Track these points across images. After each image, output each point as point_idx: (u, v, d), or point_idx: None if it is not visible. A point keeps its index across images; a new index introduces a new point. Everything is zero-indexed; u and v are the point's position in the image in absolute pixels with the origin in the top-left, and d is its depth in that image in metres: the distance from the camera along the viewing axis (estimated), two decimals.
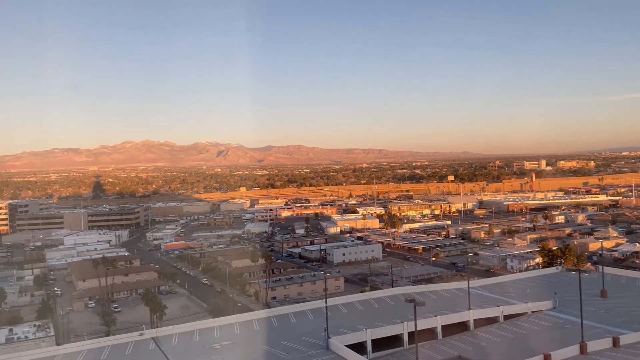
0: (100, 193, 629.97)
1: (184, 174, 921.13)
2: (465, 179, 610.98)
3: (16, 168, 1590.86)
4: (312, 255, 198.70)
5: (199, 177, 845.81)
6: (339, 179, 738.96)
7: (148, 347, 68.75)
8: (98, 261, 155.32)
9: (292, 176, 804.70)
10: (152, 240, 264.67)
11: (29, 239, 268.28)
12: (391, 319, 73.68)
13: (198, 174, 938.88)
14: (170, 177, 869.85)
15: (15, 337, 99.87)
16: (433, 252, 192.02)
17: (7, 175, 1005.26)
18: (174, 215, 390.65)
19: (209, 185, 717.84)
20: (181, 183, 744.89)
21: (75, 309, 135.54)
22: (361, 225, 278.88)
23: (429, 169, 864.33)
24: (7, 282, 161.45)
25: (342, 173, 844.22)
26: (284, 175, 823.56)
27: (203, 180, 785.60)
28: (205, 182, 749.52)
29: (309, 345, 65.84)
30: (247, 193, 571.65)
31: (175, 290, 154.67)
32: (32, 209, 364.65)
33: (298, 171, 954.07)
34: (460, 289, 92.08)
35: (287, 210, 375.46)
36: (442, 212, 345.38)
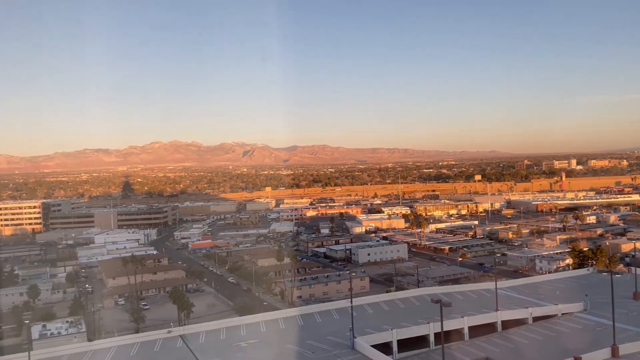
0: (129, 193, 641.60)
1: (210, 174, 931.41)
2: (493, 178, 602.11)
3: (49, 168, 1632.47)
4: (337, 255, 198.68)
5: (225, 177, 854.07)
6: (364, 179, 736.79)
7: (176, 344, 69.87)
8: (127, 259, 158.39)
9: (317, 176, 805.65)
10: (179, 239, 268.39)
11: (61, 237, 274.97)
12: (417, 319, 73.29)
13: (224, 173, 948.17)
14: (197, 177, 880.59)
15: (49, 332, 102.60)
16: (460, 252, 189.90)
17: (40, 175, 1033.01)
18: (201, 215, 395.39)
19: (235, 185, 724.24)
20: (208, 183, 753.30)
21: (105, 306, 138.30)
22: (386, 225, 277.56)
23: (456, 168, 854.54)
24: (40, 279, 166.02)
25: (367, 173, 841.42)
26: (309, 175, 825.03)
27: (229, 180, 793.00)
28: (231, 182, 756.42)
29: (335, 344, 65.93)
30: (273, 193, 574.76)
31: (202, 288, 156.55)
32: (65, 208, 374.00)
33: (323, 171, 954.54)
34: (488, 289, 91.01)
35: (312, 210, 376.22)
36: (469, 212, 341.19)
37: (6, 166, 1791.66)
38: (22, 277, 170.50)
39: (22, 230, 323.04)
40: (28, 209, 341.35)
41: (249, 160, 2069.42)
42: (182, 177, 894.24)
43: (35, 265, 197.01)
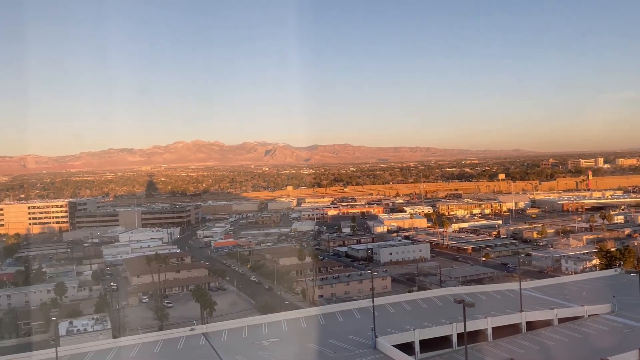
0: (153, 192, 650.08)
1: (232, 173, 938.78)
2: (517, 177, 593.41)
3: (76, 168, 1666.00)
4: (358, 255, 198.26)
5: (247, 176, 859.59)
6: (386, 178, 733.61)
7: (199, 342, 70.56)
8: (151, 258, 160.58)
9: (339, 175, 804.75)
10: (202, 238, 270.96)
11: (87, 235, 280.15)
12: (440, 319, 72.74)
13: (246, 173, 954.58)
14: (219, 176, 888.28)
15: (75, 329, 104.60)
16: (483, 252, 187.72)
17: (67, 175, 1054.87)
18: (224, 214, 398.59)
19: (257, 184, 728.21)
20: (230, 182, 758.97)
21: (130, 303, 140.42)
22: (408, 225, 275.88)
23: (479, 167, 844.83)
24: (67, 276, 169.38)
25: (389, 172, 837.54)
26: (330, 174, 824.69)
27: (251, 179, 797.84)
28: (253, 181, 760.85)
29: (356, 344, 65.78)
30: (294, 192, 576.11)
31: (224, 287, 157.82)
32: (90, 207, 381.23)
33: (344, 170, 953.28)
34: (512, 290, 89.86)
35: (333, 209, 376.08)
36: (492, 212, 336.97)
37: (34, 166, 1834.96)
38: (50, 274, 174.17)
39: (50, 229, 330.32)
40: (55, 208, 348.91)
41: (270, 159, 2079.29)
42: (205, 176, 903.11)
43: (62, 263, 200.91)
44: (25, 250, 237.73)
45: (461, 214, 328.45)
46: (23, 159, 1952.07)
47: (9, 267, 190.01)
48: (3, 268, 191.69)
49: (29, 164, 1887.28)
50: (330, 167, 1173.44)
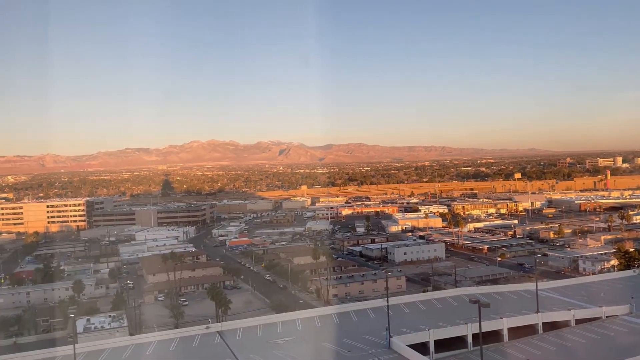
0: (169, 191, 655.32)
1: (247, 173, 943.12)
2: (533, 176, 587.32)
3: (93, 167, 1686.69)
4: (373, 254, 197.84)
5: (261, 175, 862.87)
6: (400, 177, 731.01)
7: (214, 340, 71.06)
8: (167, 256, 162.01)
9: (353, 174, 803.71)
10: (217, 237, 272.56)
11: (104, 234, 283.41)
12: (455, 319, 72.39)
13: (261, 172, 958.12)
14: (234, 175, 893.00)
15: (93, 326, 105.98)
16: (499, 252, 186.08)
17: (84, 174, 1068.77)
18: (238, 213, 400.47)
19: (272, 183, 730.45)
20: (245, 181, 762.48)
21: (146, 301, 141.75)
22: (423, 224, 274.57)
23: (495, 166, 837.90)
24: (85, 274, 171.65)
25: (403, 171, 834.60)
26: (344, 174, 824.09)
27: (266, 178, 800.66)
28: (267, 181, 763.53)
29: (371, 343, 65.72)
30: (308, 191, 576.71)
31: (239, 285, 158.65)
32: (107, 206, 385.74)
33: (358, 169, 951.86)
34: (528, 290, 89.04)
35: (347, 208, 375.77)
36: (508, 211, 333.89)
37: (53, 165, 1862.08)
38: (68, 272, 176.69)
39: (68, 227, 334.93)
40: (73, 207, 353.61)
41: (285, 158, 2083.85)
42: (220, 175, 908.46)
43: (80, 261, 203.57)
44: (44, 248, 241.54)
45: (476, 214, 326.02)
46: (42, 159, 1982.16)
47: (28, 265, 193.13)
48: (22, 266, 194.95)
49: (47, 164, 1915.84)
50: (345, 166, 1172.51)
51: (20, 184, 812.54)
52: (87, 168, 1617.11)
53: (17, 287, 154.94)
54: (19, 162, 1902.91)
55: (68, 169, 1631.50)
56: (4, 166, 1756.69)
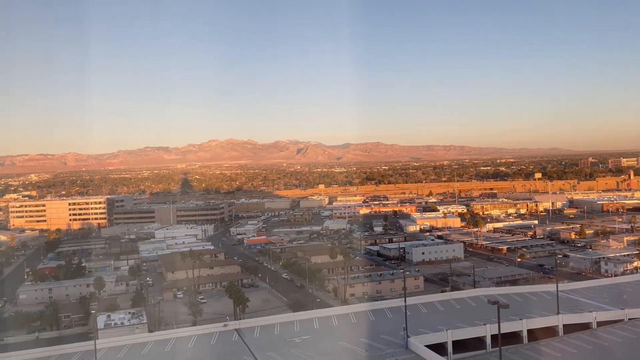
0: (187, 189, 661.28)
1: (265, 172, 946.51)
2: (554, 176, 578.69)
3: (113, 165, 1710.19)
4: (390, 254, 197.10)
5: (279, 174, 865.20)
6: (419, 177, 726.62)
7: (231, 337, 71.54)
8: (186, 254, 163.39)
9: (371, 173, 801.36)
10: (235, 235, 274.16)
11: (124, 231, 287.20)
12: (473, 320, 71.83)
13: (279, 171, 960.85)
14: (252, 174, 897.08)
15: (113, 323, 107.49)
16: (518, 252, 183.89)
17: (105, 172, 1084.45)
18: (256, 211, 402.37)
19: (289, 182, 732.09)
20: (263, 180, 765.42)
21: (165, 298, 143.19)
22: (442, 224, 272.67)
23: (515, 166, 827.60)
24: (105, 271, 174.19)
25: (421, 170, 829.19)
26: (362, 173, 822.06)
27: (283, 177, 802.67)
28: (285, 180, 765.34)
29: (388, 343, 65.53)
30: (326, 190, 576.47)
31: (257, 283, 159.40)
32: (127, 204, 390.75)
33: (376, 168, 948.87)
34: (548, 292, 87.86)
35: (365, 207, 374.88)
36: (528, 212, 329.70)
37: (75, 164, 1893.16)
38: (89, 269, 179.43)
39: (89, 225, 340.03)
40: (94, 205, 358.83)
41: (302, 157, 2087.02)
42: (238, 174, 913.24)
43: (101, 258, 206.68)
44: (66, 245, 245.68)
45: (496, 214, 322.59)
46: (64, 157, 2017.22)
47: (50, 262, 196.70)
48: (45, 262, 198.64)
49: (69, 162, 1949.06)
50: (363, 165, 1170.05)
51: (43, 182, 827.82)
52: (107, 166, 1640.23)
53: (40, 283, 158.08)
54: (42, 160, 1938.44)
55: (89, 167, 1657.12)
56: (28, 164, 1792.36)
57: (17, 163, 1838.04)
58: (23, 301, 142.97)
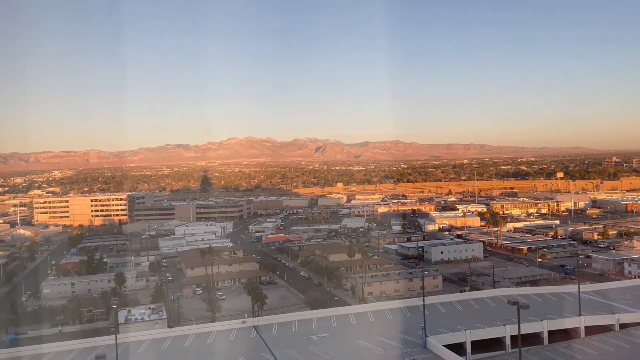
0: (207, 187, 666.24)
1: (284, 169, 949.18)
2: (577, 176, 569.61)
3: (134, 163, 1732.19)
4: (409, 253, 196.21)
5: (298, 172, 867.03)
6: (438, 175, 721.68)
7: (250, 334, 72.02)
8: (205, 251, 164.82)
9: (389, 172, 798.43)
10: (254, 233, 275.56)
11: (144, 228, 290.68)
12: (492, 321, 71.22)
13: (297, 169, 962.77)
14: (271, 172, 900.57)
15: (133, 318, 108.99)
16: (539, 253, 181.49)
17: (126, 170, 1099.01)
18: (275, 209, 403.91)
19: (307, 180, 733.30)
20: (281, 178, 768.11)
21: (184, 294, 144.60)
22: (461, 223, 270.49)
23: (536, 165, 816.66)
24: (126, 267, 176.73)
25: (441, 169, 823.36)
26: (380, 171, 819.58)
27: (302, 175, 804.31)
28: (303, 178, 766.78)
29: (406, 342, 65.30)
30: (344, 188, 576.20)
31: (275, 281, 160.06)
32: (148, 201, 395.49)
33: (395, 167, 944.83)
34: (570, 293, 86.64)
35: (383, 206, 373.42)
36: (549, 212, 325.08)
37: (97, 161, 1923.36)
38: (110, 264, 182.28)
39: (110, 221, 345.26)
40: (115, 201, 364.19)
41: (321, 156, 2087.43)
42: (257, 172, 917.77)
43: (122, 254, 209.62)
44: (88, 241, 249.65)
45: (516, 213, 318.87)
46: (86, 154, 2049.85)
47: (73, 257, 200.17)
48: (68, 257, 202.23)
49: (91, 159, 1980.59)
50: (381, 164, 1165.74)
51: (67, 178, 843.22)
52: (128, 164, 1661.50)
53: (63, 278, 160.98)
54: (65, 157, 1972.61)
55: (111, 164, 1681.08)
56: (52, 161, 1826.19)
57: (42, 160, 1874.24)
58: (47, 295, 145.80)
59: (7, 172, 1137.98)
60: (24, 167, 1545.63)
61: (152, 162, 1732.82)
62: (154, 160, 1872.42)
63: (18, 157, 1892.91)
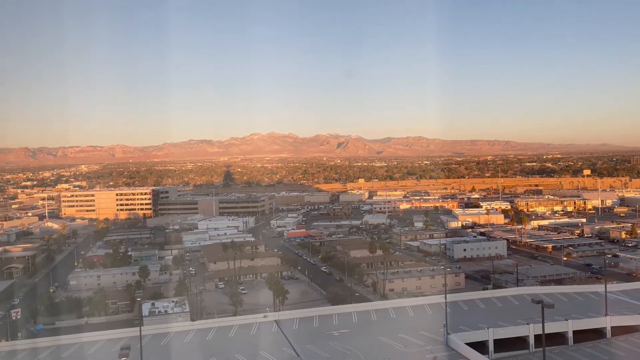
0: (230, 182, 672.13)
1: (305, 165, 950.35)
2: (604, 173, 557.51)
3: (159, 157, 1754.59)
4: (431, 250, 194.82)
5: (319, 168, 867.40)
6: (461, 172, 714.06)
7: (271, 328, 72.47)
8: (227, 245, 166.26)
9: (412, 168, 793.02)
10: (275, 228, 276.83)
11: (168, 222, 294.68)
12: (516, 319, 70.38)
13: (319, 165, 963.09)
14: (292, 167, 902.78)
15: (157, 310, 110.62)
16: (564, 251, 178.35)
17: (151, 164, 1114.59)
18: (296, 205, 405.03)
19: (329, 176, 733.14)
20: (303, 174, 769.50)
21: (207, 288, 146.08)
22: (484, 221, 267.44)
23: (562, 162, 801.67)
24: (150, 260, 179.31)
25: (464, 165, 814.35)
26: (403, 167, 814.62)
27: (323, 171, 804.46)
28: (325, 173, 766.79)
29: (427, 339, 64.93)
30: (366, 184, 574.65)
31: (296, 276, 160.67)
32: (172, 195, 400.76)
33: (418, 163, 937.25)
34: (596, 292, 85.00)
35: (405, 202, 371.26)
36: (575, 209, 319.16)
37: (122, 155, 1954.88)
38: (135, 258, 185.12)
39: (135, 215, 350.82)
40: (140, 195, 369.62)
41: (342, 151, 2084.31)
42: (279, 167, 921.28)
43: (146, 247, 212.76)
44: (114, 234, 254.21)
45: (541, 211, 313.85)
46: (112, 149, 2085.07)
47: (99, 250, 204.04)
48: (94, 250, 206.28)
49: (117, 154, 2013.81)
50: (404, 160, 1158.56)
51: (93, 172, 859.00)
52: (153, 158, 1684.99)
53: (89, 270, 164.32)
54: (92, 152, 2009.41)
55: (136, 159, 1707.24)
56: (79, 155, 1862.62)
57: (69, 154, 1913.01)
58: (73, 287, 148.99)
59: (36, 166, 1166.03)
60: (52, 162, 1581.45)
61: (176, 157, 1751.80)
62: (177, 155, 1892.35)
63: (46, 151, 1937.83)
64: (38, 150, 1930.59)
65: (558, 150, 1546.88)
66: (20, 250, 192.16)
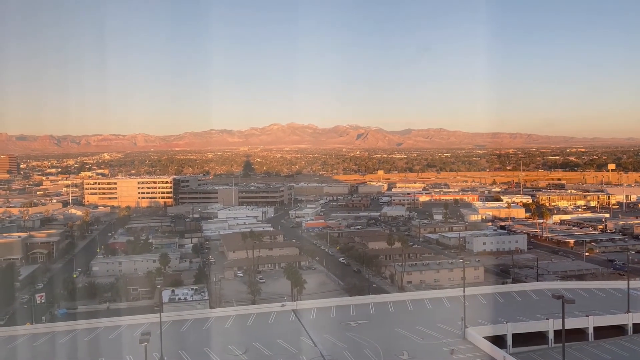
0: (249, 172, 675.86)
1: (325, 156, 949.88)
2: (630, 168, 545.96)
3: (180, 147, 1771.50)
4: (450, 242, 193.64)
5: (338, 159, 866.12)
6: (482, 165, 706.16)
7: (289, 318, 72.95)
8: (246, 234, 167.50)
9: (432, 160, 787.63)
10: (294, 218, 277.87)
11: (188, 211, 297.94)
12: (535, 314, 69.68)
13: (338, 156, 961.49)
14: (312, 158, 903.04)
15: (177, 297, 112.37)
16: (587, 246, 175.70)
17: (172, 153, 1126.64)
18: (315, 195, 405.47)
19: (348, 167, 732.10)
20: (322, 165, 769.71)
21: (226, 277, 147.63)
22: (505, 214, 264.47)
23: (586, 156, 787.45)
24: (170, 248, 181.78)
25: (485, 158, 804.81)
26: (423, 159, 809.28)
27: (342, 162, 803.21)
28: (344, 165, 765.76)
29: (445, 332, 64.71)
30: (385, 176, 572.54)
31: (314, 266, 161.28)
32: (192, 184, 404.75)
33: (438, 155, 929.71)
34: (618, 289, 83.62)
35: (425, 195, 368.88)
36: (599, 204, 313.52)
37: (144, 144, 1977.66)
38: (155, 245, 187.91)
39: (156, 203, 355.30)
40: (161, 184, 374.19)
41: (362, 143, 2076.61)
42: (298, 158, 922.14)
43: (166, 235, 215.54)
44: (135, 222, 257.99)
45: (563, 205, 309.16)
46: (134, 138, 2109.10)
47: (121, 237, 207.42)
48: (116, 237, 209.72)
49: (139, 142, 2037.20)
50: (424, 152, 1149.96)
51: (115, 161, 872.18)
52: (174, 147, 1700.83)
53: (111, 257, 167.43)
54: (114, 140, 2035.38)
55: (157, 148, 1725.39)
56: (102, 144, 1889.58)
57: (92, 142, 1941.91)
58: (95, 273, 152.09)
59: (60, 154, 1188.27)
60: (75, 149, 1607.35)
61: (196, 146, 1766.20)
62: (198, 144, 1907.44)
63: (70, 139, 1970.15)
64: (62, 138, 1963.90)
65: (582, 144, 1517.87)
66: (44, 236, 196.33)
